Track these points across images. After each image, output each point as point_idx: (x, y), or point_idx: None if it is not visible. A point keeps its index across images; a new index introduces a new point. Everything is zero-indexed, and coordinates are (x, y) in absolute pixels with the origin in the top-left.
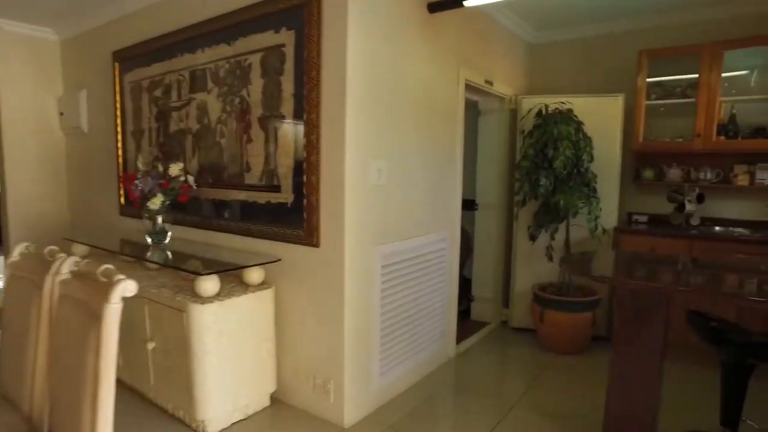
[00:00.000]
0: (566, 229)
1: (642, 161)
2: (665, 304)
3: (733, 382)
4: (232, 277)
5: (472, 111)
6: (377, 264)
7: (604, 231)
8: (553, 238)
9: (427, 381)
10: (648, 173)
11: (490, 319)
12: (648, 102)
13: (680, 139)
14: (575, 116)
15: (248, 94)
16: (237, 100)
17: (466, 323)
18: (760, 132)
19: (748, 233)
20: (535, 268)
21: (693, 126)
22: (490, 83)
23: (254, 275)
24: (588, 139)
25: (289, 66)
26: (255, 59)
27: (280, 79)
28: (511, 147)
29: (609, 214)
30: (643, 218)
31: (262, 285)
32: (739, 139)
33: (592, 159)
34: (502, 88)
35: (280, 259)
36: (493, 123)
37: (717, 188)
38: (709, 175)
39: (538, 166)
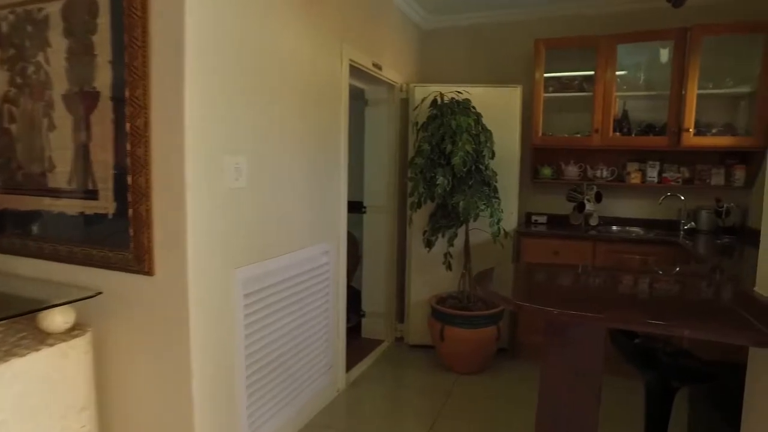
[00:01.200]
0: (466, 233)
1: (540, 158)
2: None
3: (656, 405)
4: (24, 323)
5: (358, 101)
6: (237, 292)
7: (506, 234)
8: (451, 244)
9: (312, 428)
10: (546, 171)
11: (384, 336)
12: (546, 94)
13: (578, 135)
14: (474, 107)
15: (46, 61)
16: (31, 69)
17: (356, 343)
18: (650, 129)
19: (643, 233)
20: (432, 277)
21: (591, 121)
22: (379, 67)
23: (57, 319)
24: (488, 133)
25: (104, 21)
26: (54, 9)
27: (92, 40)
28: (404, 141)
29: (509, 216)
30: (542, 219)
31: (73, 331)
32: (633, 135)
33: (493, 155)
34: (391, 74)
35: (100, 293)
36: (383, 114)
37: (612, 186)
38: (605, 173)
39: (435, 162)
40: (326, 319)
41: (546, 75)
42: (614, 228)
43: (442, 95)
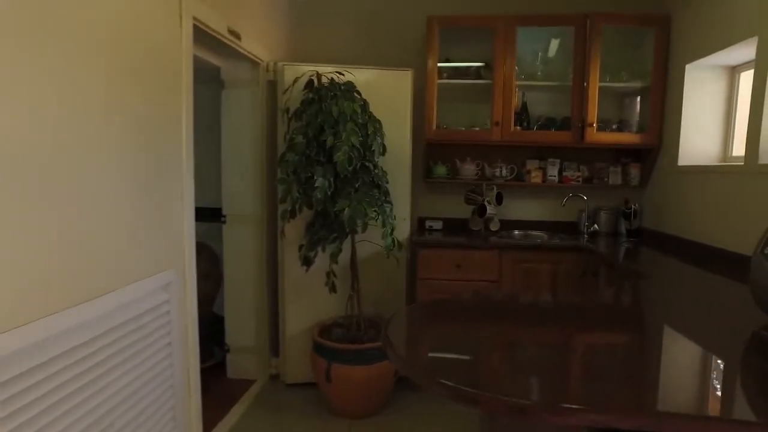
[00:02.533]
0: (352, 247)
1: (434, 155)
2: None
3: None
4: None
5: (213, 82)
6: None
7: (401, 246)
8: (335, 260)
9: None
10: (440, 169)
11: (256, 374)
12: (440, 81)
13: (477, 128)
14: (359, 92)
15: None
16: None
17: (220, 387)
18: (550, 123)
19: (547, 237)
20: (312, 301)
21: (490, 113)
22: (237, 36)
23: None
24: (378, 124)
25: None
26: None
27: None
28: (272, 134)
29: (401, 222)
30: (438, 224)
31: None
32: (535, 129)
33: (384, 150)
34: (256, 48)
35: None
36: (245, 99)
37: (512, 186)
38: (504, 172)
39: (312, 160)
40: (169, 378)
41: (441, 64)
42: (516, 233)
43: (319, 75)
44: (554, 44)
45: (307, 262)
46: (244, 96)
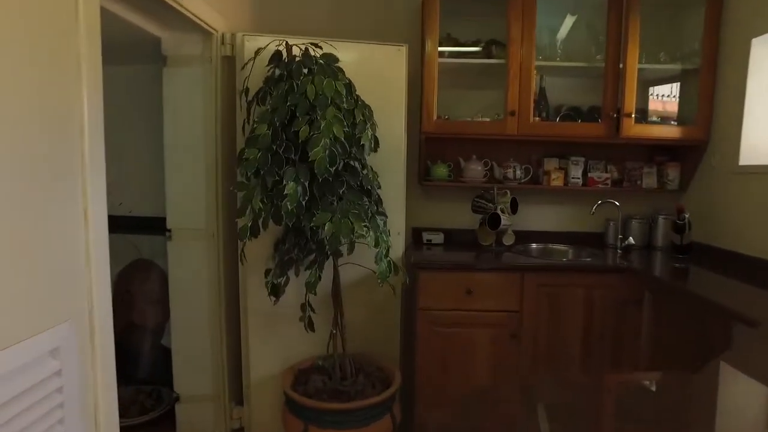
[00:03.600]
0: (334, 271)
1: (432, 152)
2: None
3: None
4: None
5: (151, 59)
6: None
7: (397, 271)
8: (312, 290)
9: None
10: (440, 170)
11: (213, 427)
12: (442, 60)
13: (486, 119)
14: (341, 69)
15: None
16: None
17: None
18: (576, 114)
19: (572, 252)
20: (284, 339)
21: (504, 100)
22: None
23: None
24: (367, 110)
25: None
26: None
27: None
28: (230, 125)
29: (395, 235)
30: (437, 237)
31: None
32: (557, 120)
33: (376, 145)
34: (207, 13)
35: None
36: (194, 81)
37: (526, 190)
38: (518, 173)
39: (280, 157)
40: None
41: (443, 44)
42: (534, 247)
43: (289, 47)
44: (570, 21)
45: (275, 291)
46: (193, 76)
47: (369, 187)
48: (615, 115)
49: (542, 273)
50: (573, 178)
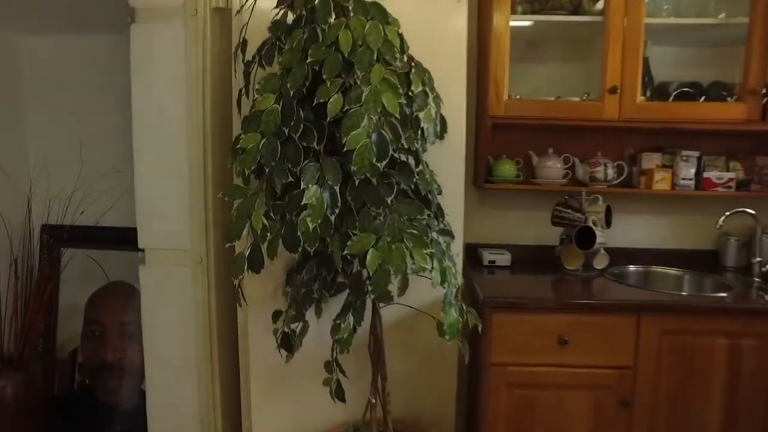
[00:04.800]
0: (373, 315)
1: (497, 144)
2: None
3: None
4: None
5: (117, 21)
6: None
7: (468, 315)
8: (345, 349)
9: None
10: (506, 168)
11: None
12: (516, 20)
13: (575, 99)
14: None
15: None
16: None
17: None
18: (697, 90)
19: (691, 278)
20: (299, 395)
21: (602, 72)
22: None
23: None
24: (426, 75)
25: None
26: None
27: None
28: (224, 102)
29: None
30: (503, 257)
31: None
32: (670, 101)
33: (443, 129)
34: None
35: None
36: (173, 42)
37: (617, 195)
38: (609, 172)
39: (297, 146)
40: None
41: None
42: (632, 269)
43: None
44: None
45: (288, 344)
46: (172, 36)
47: (427, 193)
48: (761, 92)
49: (668, 314)
50: (683, 179)
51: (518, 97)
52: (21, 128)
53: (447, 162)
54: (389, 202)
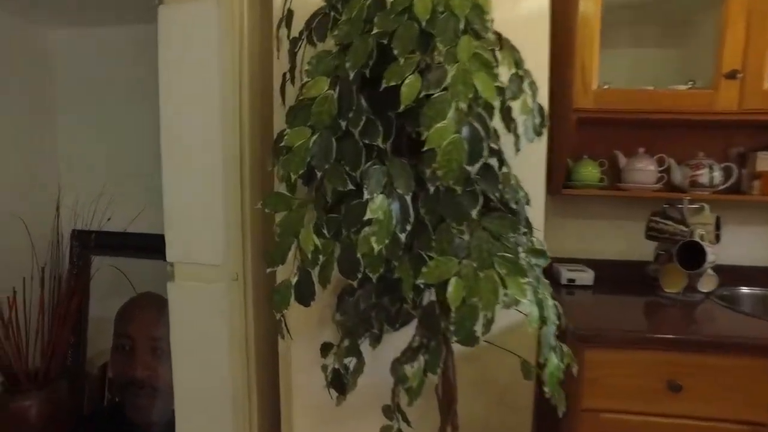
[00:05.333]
0: (447, 354)
1: (582, 142)
2: None
3: None
4: None
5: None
6: None
7: (571, 361)
8: (414, 399)
9: None
10: (589, 170)
11: None
12: None
13: (680, 87)
14: None
15: None
16: None
17: None
18: None
19: None
20: None
21: (718, 55)
22: None
23: None
24: (516, 53)
25: None
26: None
27: None
28: (265, 91)
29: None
30: (584, 275)
31: None
32: None
33: (542, 123)
34: None
35: None
36: (205, 23)
37: (723, 203)
38: (715, 176)
39: (356, 144)
40: None
41: None
42: (745, 292)
43: None
44: None
45: (340, 385)
46: (204, 14)
47: (515, 206)
48: None
49: None
50: None
51: (607, 86)
52: (51, 127)
53: (524, 164)
54: (474, 215)
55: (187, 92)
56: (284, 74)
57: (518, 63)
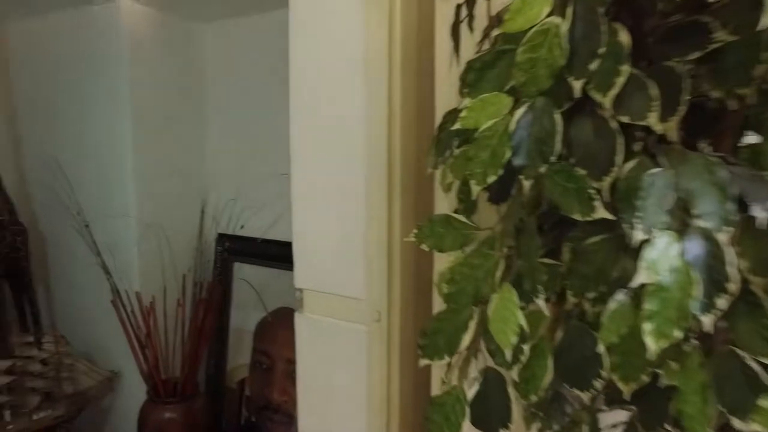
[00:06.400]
0: None
1: None
2: None
3: None
4: None
5: None
6: None
7: None
8: None
9: None
10: None
11: None
12: None
13: None
14: None
15: None
16: None
17: None
18: None
19: None
20: None
21: None
22: None
23: None
24: None
25: None
26: None
27: None
28: (427, 68)
29: None
30: None
31: None
32: None
33: None
34: None
35: None
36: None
37: None
38: None
39: (600, 115)
40: None
41: None
42: None
43: None
44: None
45: None
46: None
47: None
48: None
49: None
50: None
51: None
52: (202, 126)
53: None
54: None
55: (322, 78)
56: (458, 6)
57: None
